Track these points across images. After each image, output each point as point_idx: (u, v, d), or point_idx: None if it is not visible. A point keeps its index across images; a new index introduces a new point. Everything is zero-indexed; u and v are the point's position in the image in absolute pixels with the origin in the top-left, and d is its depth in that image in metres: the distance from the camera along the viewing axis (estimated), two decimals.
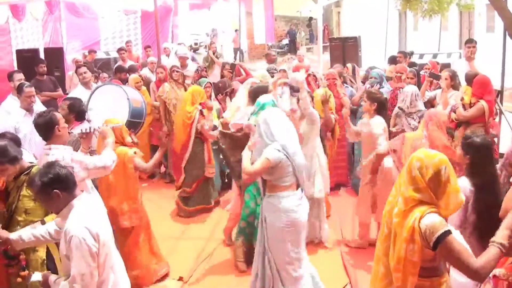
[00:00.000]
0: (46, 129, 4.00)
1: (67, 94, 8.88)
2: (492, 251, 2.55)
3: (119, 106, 6.38)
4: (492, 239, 2.60)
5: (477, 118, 6.20)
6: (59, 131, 4.01)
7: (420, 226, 2.61)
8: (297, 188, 4.19)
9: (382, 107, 5.59)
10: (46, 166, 2.99)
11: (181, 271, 5.38)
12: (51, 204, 2.98)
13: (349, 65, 9.03)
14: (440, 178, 2.67)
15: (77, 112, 5.12)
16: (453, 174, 2.72)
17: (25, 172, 3.72)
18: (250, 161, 4.12)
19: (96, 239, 2.87)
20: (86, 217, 2.92)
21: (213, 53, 11.83)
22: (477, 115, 6.17)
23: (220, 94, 7.79)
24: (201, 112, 6.69)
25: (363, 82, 7.90)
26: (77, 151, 4.22)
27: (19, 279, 3.36)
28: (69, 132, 4.58)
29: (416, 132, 4.84)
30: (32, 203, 3.69)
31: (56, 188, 2.88)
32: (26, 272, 3.54)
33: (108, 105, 5.93)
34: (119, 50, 11.41)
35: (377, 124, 5.43)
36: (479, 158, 3.59)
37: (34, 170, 3.71)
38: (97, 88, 6.68)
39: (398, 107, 6.26)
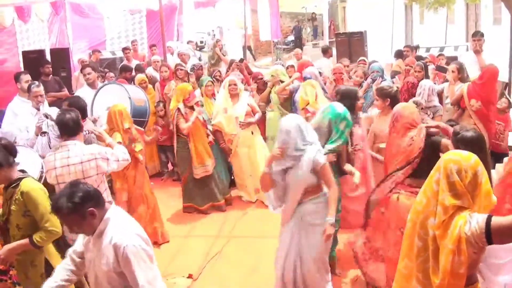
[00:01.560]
0: (75, 124, 4.10)
1: (73, 94, 8.94)
2: None
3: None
4: None
5: (463, 101, 6.38)
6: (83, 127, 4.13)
7: (466, 233, 2.46)
8: None
9: (396, 101, 5.23)
10: (70, 186, 2.75)
11: (191, 268, 5.39)
12: (85, 225, 2.75)
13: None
14: (477, 180, 2.54)
15: (79, 109, 5.12)
16: (486, 175, 2.60)
17: (13, 185, 3.60)
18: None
19: (147, 243, 2.78)
20: (130, 225, 2.82)
21: (220, 50, 11.83)
22: (459, 97, 6.37)
23: None
24: (178, 110, 6.58)
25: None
26: None
27: None
28: None
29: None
30: (23, 219, 3.59)
31: (90, 206, 2.70)
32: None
33: (110, 105, 5.96)
34: (124, 49, 11.43)
35: None
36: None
37: (22, 183, 3.60)
38: (100, 88, 6.70)
39: (414, 101, 6.16)
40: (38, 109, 5.82)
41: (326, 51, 10.77)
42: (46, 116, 5.25)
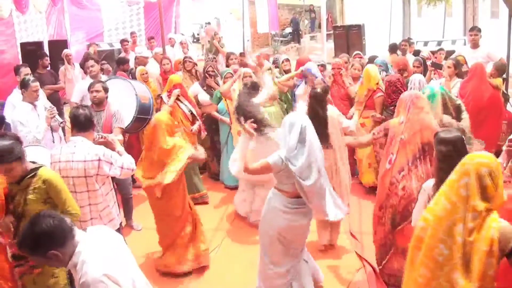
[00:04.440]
0: (86, 120, 4.18)
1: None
2: None
3: (126, 102, 6.43)
4: None
5: None
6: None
7: (497, 236, 2.46)
8: None
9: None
10: (32, 224, 2.53)
11: None
12: (50, 264, 2.60)
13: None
14: (499, 180, 2.56)
15: None
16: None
17: (30, 175, 3.64)
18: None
19: (118, 284, 2.51)
20: (101, 261, 2.52)
21: (218, 43, 11.84)
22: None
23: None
24: (161, 98, 6.78)
25: None
26: None
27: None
28: None
29: (394, 120, 4.55)
30: (41, 205, 3.62)
31: (52, 247, 2.48)
32: (39, 269, 3.63)
33: (115, 100, 5.98)
34: (122, 41, 11.44)
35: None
36: (441, 152, 3.31)
37: (41, 172, 3.65)
38: (106, 81, 6.73)
39: None
40: (34, 104, 5.83)
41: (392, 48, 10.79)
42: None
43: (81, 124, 4.17)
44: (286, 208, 4.08)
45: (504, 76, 7.58)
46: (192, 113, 6.86)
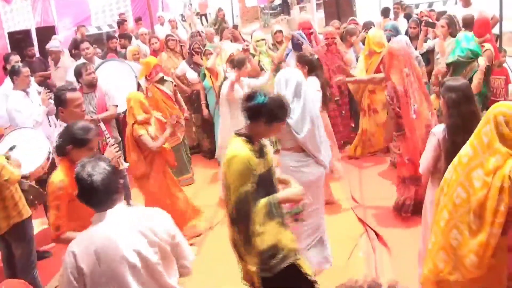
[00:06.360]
0: (55, 103, 4.20)
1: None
2: None
3: (125, 84, 6.39)
4: None
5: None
6: (62, 113, 4.05)
7: (510, 176, 2.59)
8: None
9: (314, 68, 5.42)
10: (98, 161, 2.39)
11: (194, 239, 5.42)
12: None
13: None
14: None
15: None
16: None
17: None
18: None
19: (81, 264, 2.26)
20: (90, 238, 2.32)
21: (223, 19, 11.82)
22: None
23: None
24: (138, 85, 6.55)
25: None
26: None
27: None
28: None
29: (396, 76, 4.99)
30: None
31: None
32: None
33: (115, 82, 5.95)
34: (123, 21, 11.39)
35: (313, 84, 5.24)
36: (451, 99, 3.46)
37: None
38: (102, 63, 6.68)
39: None
40: (26, 92, 5.78)
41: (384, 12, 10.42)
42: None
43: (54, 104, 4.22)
44: (299, 163, 4.14)
45: (498, 33, 7.54)
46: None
